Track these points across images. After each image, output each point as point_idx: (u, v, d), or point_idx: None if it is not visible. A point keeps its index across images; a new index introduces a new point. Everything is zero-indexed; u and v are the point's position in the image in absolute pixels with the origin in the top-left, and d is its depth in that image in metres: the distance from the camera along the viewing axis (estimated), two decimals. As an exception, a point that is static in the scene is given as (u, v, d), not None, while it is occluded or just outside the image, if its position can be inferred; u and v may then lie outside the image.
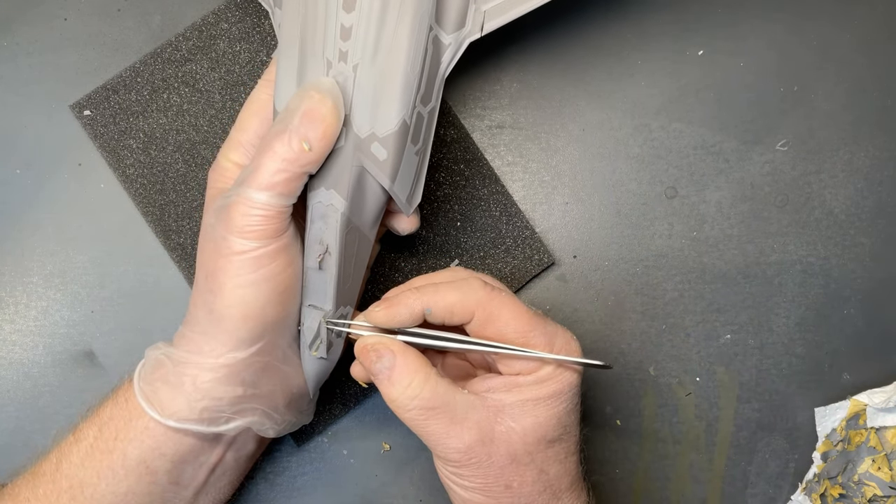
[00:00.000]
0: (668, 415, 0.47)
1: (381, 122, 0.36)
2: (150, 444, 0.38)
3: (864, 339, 0.47)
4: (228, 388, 0.37)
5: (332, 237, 0.37)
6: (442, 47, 0.38)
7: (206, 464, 0.39)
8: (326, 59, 0.37)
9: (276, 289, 0.37)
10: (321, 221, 0.37)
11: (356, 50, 0.36)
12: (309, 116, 0.35)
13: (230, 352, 0.37)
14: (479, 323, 0.37)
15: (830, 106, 0.47)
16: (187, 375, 0.37)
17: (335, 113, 0.36)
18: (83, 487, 0.38)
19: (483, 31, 0.39)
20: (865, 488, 0.44)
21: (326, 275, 0.38)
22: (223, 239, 0.36)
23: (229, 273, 0.36)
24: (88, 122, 0.46)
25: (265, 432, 0.39)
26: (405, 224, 0.41)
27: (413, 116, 0.37)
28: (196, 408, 0.37)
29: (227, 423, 0.38)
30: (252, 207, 0.35)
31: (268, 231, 0.36)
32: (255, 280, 0.36)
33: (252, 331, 0.37)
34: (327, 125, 0.35)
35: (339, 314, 0.39)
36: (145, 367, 0.38)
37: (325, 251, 0.37)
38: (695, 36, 0.48)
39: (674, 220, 0.47)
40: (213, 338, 0.37)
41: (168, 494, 0.39)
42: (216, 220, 0.36)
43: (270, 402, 0.39)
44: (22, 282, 0.46)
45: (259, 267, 0.36)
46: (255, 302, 0.36)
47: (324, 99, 0.35)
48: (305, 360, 0.40)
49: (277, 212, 0.36)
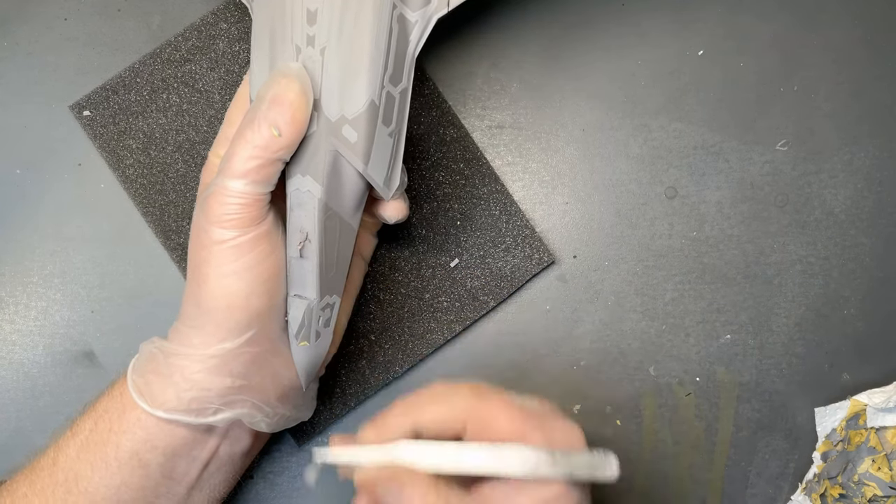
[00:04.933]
0: (668, 415, 0.47)
1: (349, 104, 0.36)
2: (142, 435, 0.38)
3: (864, 339, 0.47)
4: (217, 379, 0.37)
5: (311, 224, 0.37)
6: (409, 25, 0.37)
7: (199, 458, 0.39)
8: (295, 45, 0.37)
9: (259, 277, 0.37)
10: (299, 209, 0.37)
11: (322, 33, 0.36)
12: (276, 102, 0.35)
13: (218, 343, 0.37)
14: (474, 432, 0.36)
15: (830, 106, 0.47)
16: (177, 367, 0.37)
17: (303, 97, 0.35)
18: (78, 480, 0.38)
19: (450, 6, 0.38)
20: (865, 488, 0.44)
21: (308, 263, 0.38)
22: (204, 230, 0.36)
23: (212, 264, 0.36)
24: (88, 122, 0.46)
25: (257, 425, 0.39)
26: (390, 210, 0.40)
27: (382, 97, 0.37)
28: (184, 398, 0.37)
29: (215, 415, 0.38)
30: (228, 196, 0.36)
31: (245, 219, 0.36)
32: (237, 269, 0.36)
33: (238, 321, 0.37)
34: (295, 110, 0.35)
35: (324, 303, 0.39)
36: (139, 360, 0.39)
37: (305, 239, 0.37)
38: (695, 36, 0.48)
39: (674, 220, 0.47)
40: (201, 330, 0.37)
41: (161, 489, 0.39)
42: (198, 212, 0.37)
43: (261, 395, 0.39)
44: (22, 282, 0.46)
45: (240, 256, 0.36)
46: (239, 292, 0.36)
47: (290, 83, 0.35)
48: (294, 350, 0.40)
49: (254, 199, 0.36)
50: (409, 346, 0.46)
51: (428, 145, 0.47)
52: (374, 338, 0.46)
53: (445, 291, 0.46)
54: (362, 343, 0.46)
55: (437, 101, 0.47)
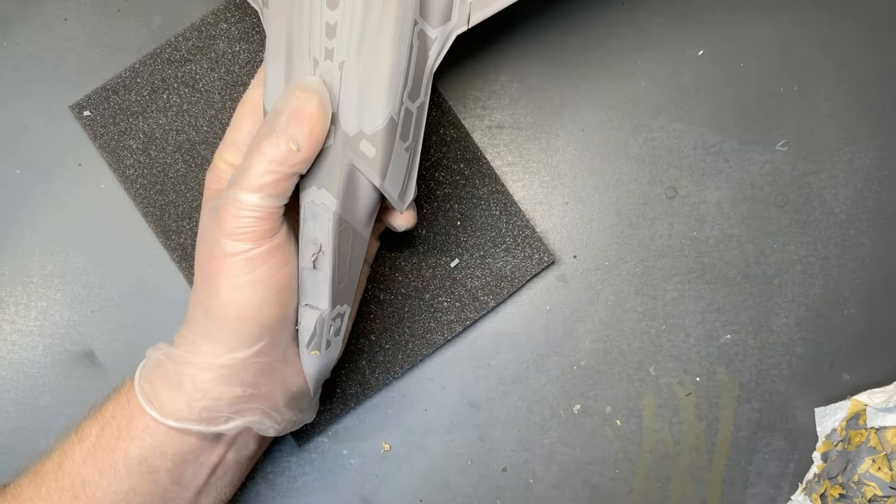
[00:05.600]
0: (668, 415, 0.47)
1: (368, 119, 0.36)
2: (151, 442, 0.38)
3: (864, 339, 0.47)
4: (227, 388, 0.37)
5: (325, 236, 0.37)
6: (428, 41, 0.38)
7: (207, 464, 0.39)
8: (313, 58, 0.37)
9: (271, 289, 0.37)
10: (313, 221, 0.37)
11: (342, 47, 0.36)
12: (295, 116, 0.35)
13: (229, 353, 0.37)
14: None
15: (830, 106, 0.47)
16: (186, 375, 0.37)
17: (321, 112, 0.35)
18: (85, 486, 0.38)
19: (470, 24, 0.38)
20: (865, 488, 0.44)
21: (321, 274, 0.38)
22: (216, 241, 0.36)
23: (224, 275, 0.36)
24: (88, 122, 0.46)
25: (265, 431, 0.39)
26: (401, 220, 0.41)
27: (401, 113, 0.37)
28: (195, 407, 0.37)
29: (226, 423, 0.38)
30: (242, 209, 0.35)
31: (259, 232, 0.36)
32: (250, 281, 0.36)
33: (250, 332, 0.37)
34: (314, 124, 0.35)
35: (335, 313, 0.39)
36: (146, 367, 0.39)
37: (318, 250, 0.37)
38: (695, 36, 0.48)
39: (674, 220, 0.47)
40: (212, 339, 0.37)
41: (169, 494, 0.39)
42: (210, 222, 0.36)
43: (270, 402, 0.39)
44: (22, 282, 0.46)
45: (253, 268, 0.36)
46: (251, 303, 0.36)
47: (310, 98, 0.35)
48: (304, 359, 0.40)
49: (269, 213, 0.36)
50: (409, 346, 0.46)
51: (428, 145, 0.47)
52: (374, 338, 0.46)
53: (445, 291, 0.46)
54: (362, 343, 0.46)
55: (437, 101, 0.47)
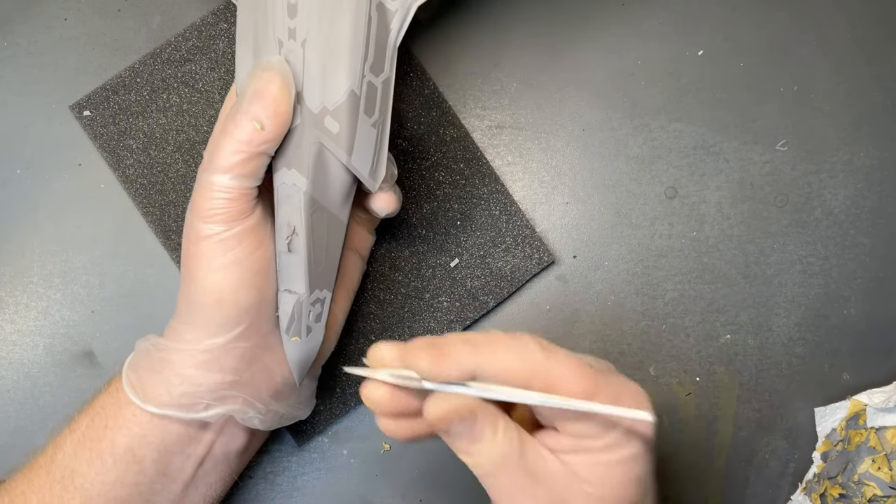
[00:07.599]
0: (668, 415, 0.47)
1: (330, 94, 0.36)
2: (136, 431, 0.38)
3: (864, 339, 0.47)
4: (208, 374, 0.37)
5: (298, 218, 0.37)
6: (388, 14, 0.37)
7: (194, 455, 0.39)
8: (277, 39, 0.37)
9: (247, 271, 0.37)
10: (287, 203, 0.37)
11: (303, 26, 0.36)
12: (258, 96, 0.35)
13: (208, 338, 0.37)
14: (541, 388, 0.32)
15: (830, 106, 0.47)
16: (168, 363, 0.38)
17: (285, 91, 0.35)
18: (74, 476, 0.38)
19: None
20: (865, 488, 0.44)
21: (296, 257, 0.38)
22: (191, 226, 0.37)
23: (200, 260, 0.37)
24: (88, 122, 0.46)
25: (249, 422, 0.39)
26: (380, 203, 0.40)
27: (363, 86, 0.37)
28: (175, 394, 0.37)
29: (206, 410, 0.38)
30: (213, 191, 0.36)
31: (231, 213, 0.36)
32: (225, 264, 0.36)
33: (228, 316, 0.37)
34: (277, 103, 0.35)
35: (314, 297, 0.39)
36: (134, 357, 0.39)
37: (292, 232, 0.37)
38: (695, 36, 0.48)
39: (674, 220, 0.47)
40: (192, 325, 0.37)
41: (156, 486, 0.39)
42: (187, 209, 0.37)
43: (252, 390, 0.39)
44: (22, 282, 0.46)
45: (227, 250, 0.36)
46: (227, 286, 0.37)
47: (272, 77, 0.35)
48: (286, 346, 0.40)
49: (240, 193, 0.36)
50: (409, 346, 0.46)
51: (428, 145, 0.47)
52: (374, 338, 0.46)
53: (445, 291, 0.46)
54: (362, 343, 0.46)
55: (437, 101, 0.47)
